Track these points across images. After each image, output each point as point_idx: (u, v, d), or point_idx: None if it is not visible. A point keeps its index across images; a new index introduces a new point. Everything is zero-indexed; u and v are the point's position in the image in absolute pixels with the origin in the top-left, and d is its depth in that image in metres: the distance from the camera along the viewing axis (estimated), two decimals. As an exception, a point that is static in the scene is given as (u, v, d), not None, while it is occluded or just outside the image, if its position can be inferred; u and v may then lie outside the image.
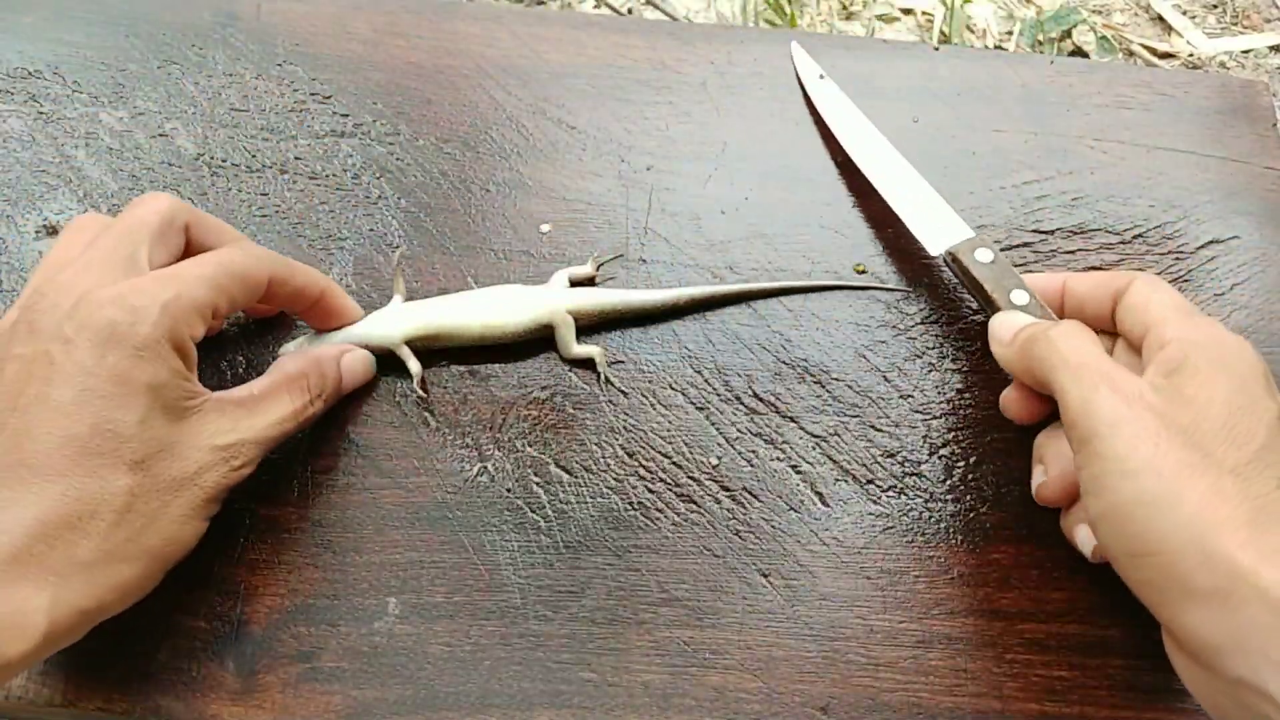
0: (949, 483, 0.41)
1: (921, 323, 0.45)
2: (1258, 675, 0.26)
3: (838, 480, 0.41)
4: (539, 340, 0.43)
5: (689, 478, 0.41)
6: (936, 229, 0.44)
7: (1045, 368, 0.34)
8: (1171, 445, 0.29)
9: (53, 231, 0.45)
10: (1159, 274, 0.47)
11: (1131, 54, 1.27)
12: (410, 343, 0.41)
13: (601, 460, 0.41)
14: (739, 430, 0.42)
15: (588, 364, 0.42)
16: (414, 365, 0.41)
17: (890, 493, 0.41)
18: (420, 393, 0.41)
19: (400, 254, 0.44)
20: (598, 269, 0.45)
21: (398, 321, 0.41)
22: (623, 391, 0.42)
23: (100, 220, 0.37)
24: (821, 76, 0.50)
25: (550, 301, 0.42)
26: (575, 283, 0.44)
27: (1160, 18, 1.32)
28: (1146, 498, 0.29)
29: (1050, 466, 0.38)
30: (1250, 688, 0.27)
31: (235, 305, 0.36)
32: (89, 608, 0.31)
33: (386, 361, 0.41)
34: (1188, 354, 0.32)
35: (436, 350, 0.42)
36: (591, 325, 0.43)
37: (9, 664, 0.29)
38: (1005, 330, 0.38)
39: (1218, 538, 0.27)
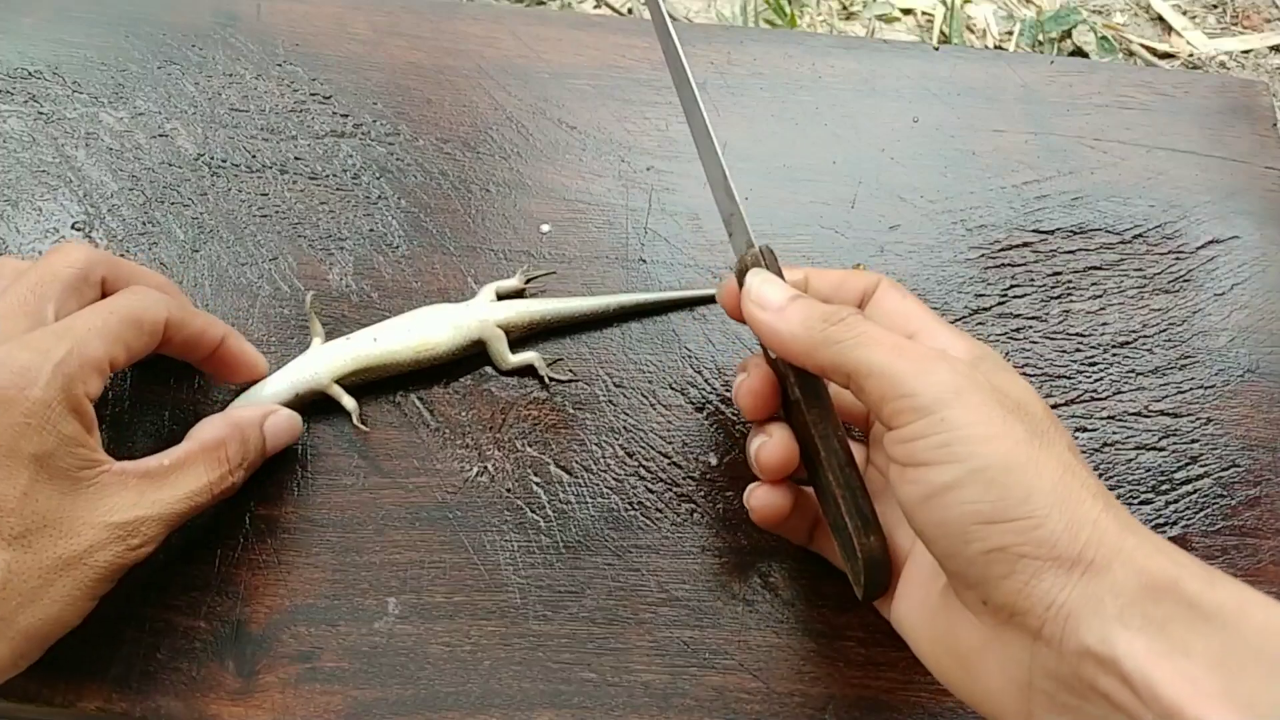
0: (949, 483, 0.41)
1: (921, 323, 0.45)
2: (1106, 641, 0.25)
3: (838, 480, 0.41)
4: (480, 355, 0.42)
5: (689, 478, 0.41)
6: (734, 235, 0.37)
7: (847, 346, 0.31)
8: (1014, 418, 0.29)
9: (75, 228, 0.45)
10: (1158, 274, 0.47)
11: (1131, 54, 1.27)
12: (341, 381, 0.40)
13: (601, 460, 0.41)
14: (739, 430, 0.42)
15: (530, 371, 0.42)
16: (348, 402, 0.40)
17: (890, 493, 0.40)
18: (361, 428, 0.40)
19: (312, 297, 0.41)
20: (527, 282, 0.44)
21: (323, 362, 0.40)
22: (567, 383, 0.42)
23: (15, 268, 0.35)
24: None
25: (478, 316, 0.41)
26: (503, 296, 0.43)
27: (1160, 18, 1.32)
28: (1010, 461, 0.28)
29: (774, 431, 0.35)
30: (1095, 657, 0.26)
31: (134, 354, 0.34)
32: None
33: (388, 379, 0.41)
34: (973, 356, 0.32)
35: (373, 381, 0.41)
36: (523, 336, 0.43)
37: None
38: (773, 294, 0.34)
39: (1080, 503, 0.27)
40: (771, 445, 0.35)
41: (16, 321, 0.32)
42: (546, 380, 0.42)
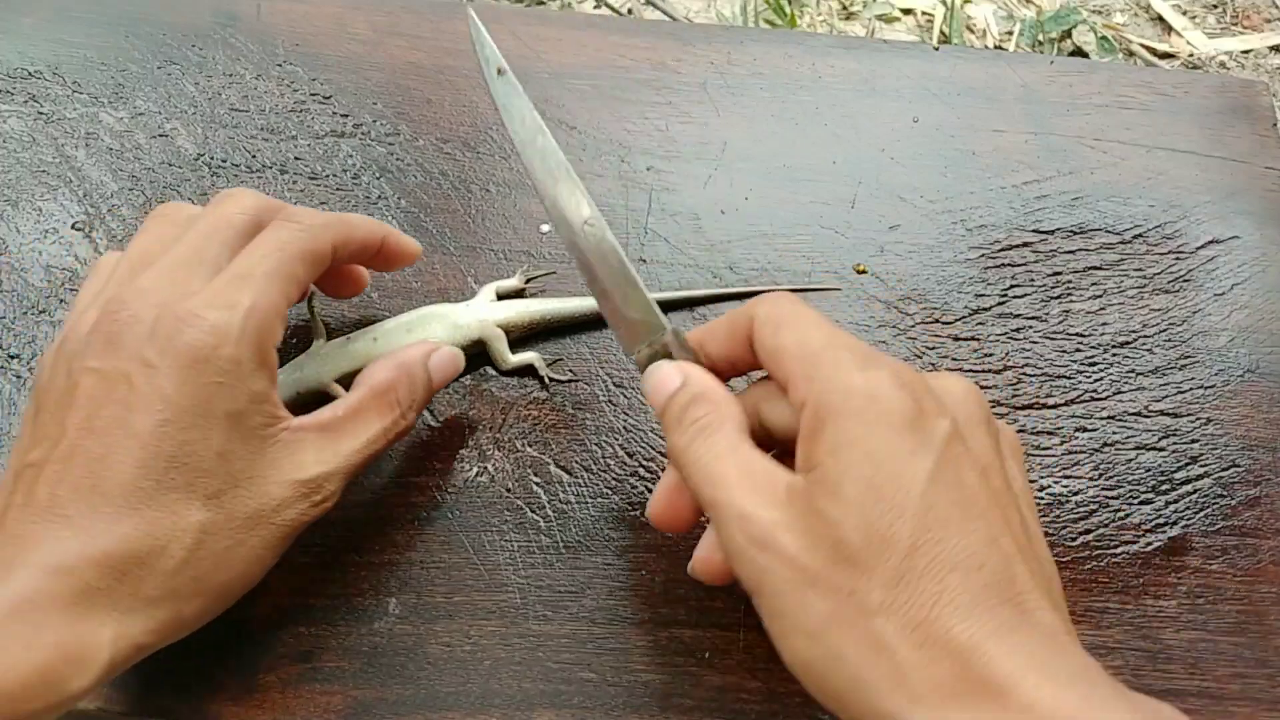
0: (949, 483, 0.41)
1: (921, 323, 0.45)
2: None
3: (838, 480, 0.41)
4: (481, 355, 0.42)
5: (689, 478, 0.40)
6: (633, 324, 0.34)
7: (696, 492, 0.29)
8: (814, 594, 0.26)
9: (75, 228, 0.45)
10: (1158, 274, 0.47)
11: (1131, 54, 1.27)
12: (342, 380, 0.40)
13: (601, 460, 0.41)
14: (739, 430, 0.42)
15: (530, 371, 0.42)
16: None
17: (890, 493, 0.40)
18: None
19: (313, 297, 0.41)
20: (527, 282, 0.44)
21: (325, 361, 0.40)
22: (567, 383, 0.42)
23: (185, 212, 0.34)
24: (501, 71, 0.36)
25: (478, 316, 0.41)
26: (503, 296, 0.43)
27: (1160, 18, 1.32)
28: (808, 660, 0.27)
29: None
30: None
31: (305, 288, 0.34)
32: (146, 643, 0.29)
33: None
34: (823, 422, 0.27)
35: None
36: (523, 336, 0.42)
37: (70, 697, 0.27)
38: (658, 394, 0.32)
39: (882, 701, 0.25)
40: (656, 496, 0.33)
41: (194, 271, 0.31)
42: (546, 380, 0.42)
